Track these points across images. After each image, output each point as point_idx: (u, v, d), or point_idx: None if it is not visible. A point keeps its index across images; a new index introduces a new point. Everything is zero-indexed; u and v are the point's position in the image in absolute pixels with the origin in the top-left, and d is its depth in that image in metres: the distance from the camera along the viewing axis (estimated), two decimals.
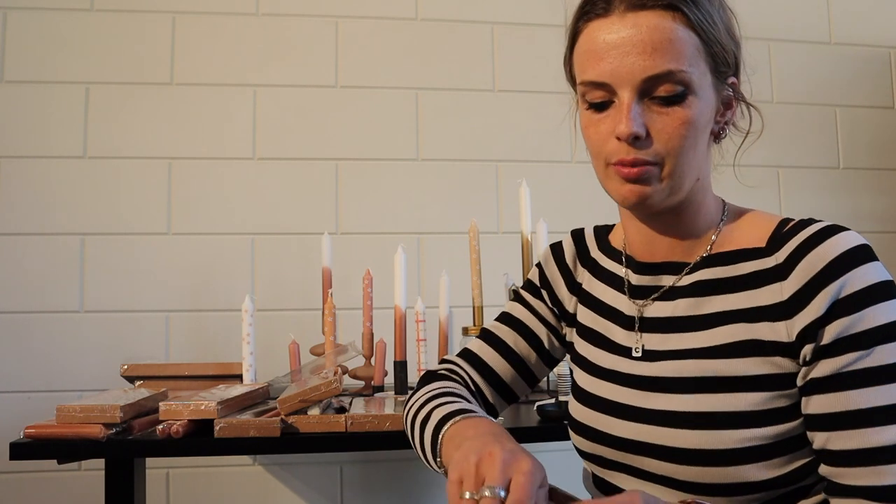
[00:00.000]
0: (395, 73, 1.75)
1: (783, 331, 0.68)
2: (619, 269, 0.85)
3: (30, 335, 1.59)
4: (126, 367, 1.40)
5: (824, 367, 0.65)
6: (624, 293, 0.83)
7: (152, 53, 1.69)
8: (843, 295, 0.65)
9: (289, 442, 1.07)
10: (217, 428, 1.05)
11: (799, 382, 0.67)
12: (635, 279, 0.82)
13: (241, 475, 1.62)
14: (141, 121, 1.67)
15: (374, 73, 1.75)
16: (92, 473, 1.57)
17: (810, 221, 0.72)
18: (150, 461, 1.51)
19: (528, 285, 0.96)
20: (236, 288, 1.64)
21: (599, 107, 0.72)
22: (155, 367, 1.42)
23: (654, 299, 0.79)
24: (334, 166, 1.72)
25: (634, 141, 0.69)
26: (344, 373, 1.36)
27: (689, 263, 0.77)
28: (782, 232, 0.72)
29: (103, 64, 1.67)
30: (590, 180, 0.81)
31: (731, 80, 0.74)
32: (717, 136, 0.77)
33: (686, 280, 0.77)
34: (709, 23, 0.71)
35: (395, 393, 1.33)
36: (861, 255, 0.66)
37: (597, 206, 1.83)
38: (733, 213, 0.79)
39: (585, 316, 0.87)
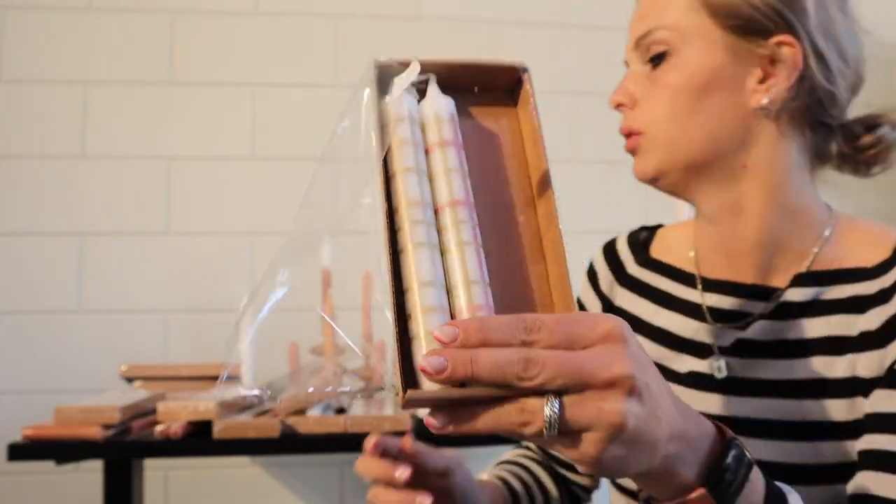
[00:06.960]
0: None
1: (875, 363, 0.57)
2: (676, 288, 0.71)
3: (28, 335, 1.58)
4: (126, 367, 1.40)
5: None
6: (688, 315, 0.69)
7: (151, 52, 1.68)
8: None
9: (288, 442, 1.07)
10: (216, 429, 1.04)
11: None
12: (713, 300, 0.68)
13: (240, 476, 1.62)
14: (139, 120, 1.66)
15: None
16: (90, 475, 1.56)
17: None
18: (148, 462, 1.50)
19: None
20: (236, 288, 1.64)
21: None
22: (154, 368, 1.41)
23: (735, 327, 0.65)
24: None
25: (619, 108, 0.66)
26: (343, 373, 1.35)
27: (780, 289, 0.64)
28: None
29: (102, 63, 1.66)
30: (590, 180, 0.76)
31: (778, 38, 0.61)
32: (767, 110, 0.62)
33: (770, 304, 0.64)
34: None
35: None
36: None
37: (597, 206, 1.83)
38: (846, 225, 0.65)
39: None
